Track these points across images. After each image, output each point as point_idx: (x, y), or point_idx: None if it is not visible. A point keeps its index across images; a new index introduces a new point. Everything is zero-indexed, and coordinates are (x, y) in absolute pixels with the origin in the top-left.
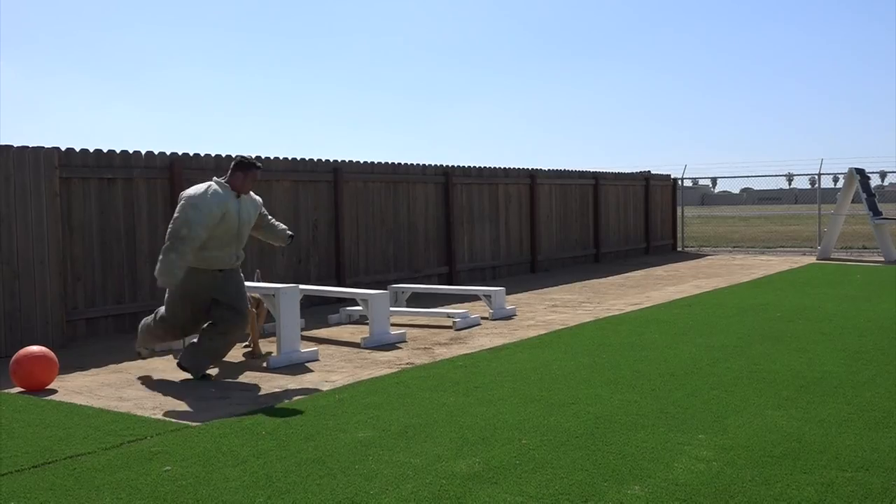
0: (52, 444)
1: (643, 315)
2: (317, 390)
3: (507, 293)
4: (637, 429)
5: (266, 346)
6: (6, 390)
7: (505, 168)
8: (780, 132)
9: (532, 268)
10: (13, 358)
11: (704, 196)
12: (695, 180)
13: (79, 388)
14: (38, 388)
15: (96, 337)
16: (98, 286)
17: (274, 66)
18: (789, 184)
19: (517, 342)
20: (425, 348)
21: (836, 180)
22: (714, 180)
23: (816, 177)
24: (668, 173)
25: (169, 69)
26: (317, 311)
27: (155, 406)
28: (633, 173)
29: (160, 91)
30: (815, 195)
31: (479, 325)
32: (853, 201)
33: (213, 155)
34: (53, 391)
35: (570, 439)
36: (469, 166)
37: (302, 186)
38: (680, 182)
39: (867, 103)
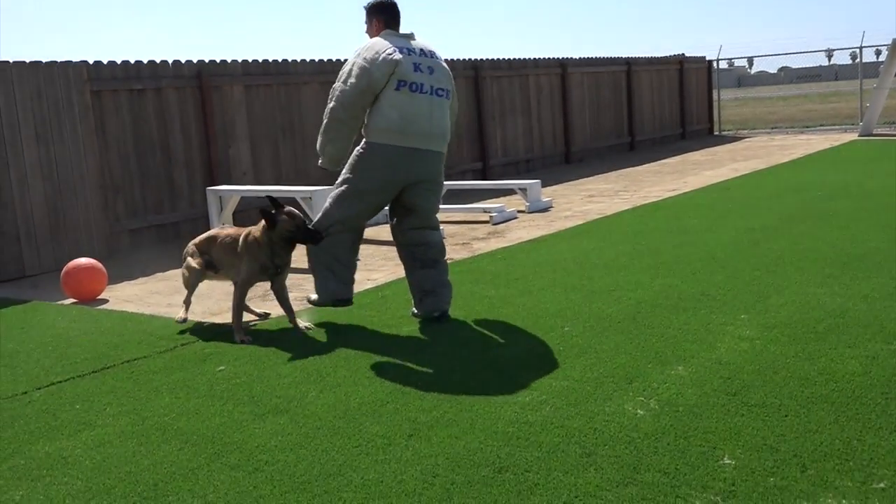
0: (109, 350)
1: (681, 201)
2: (360, 288)
3: (543, 186)
4: (679, 312)
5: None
6: (60, 302)
7: (535, 59)
8: (819, 5)
9: (566, 159)
10: (63, 270)
11: (741, 77)
12: (730, 62)
13: (129, 297)
14: (89, 299)
15: (140, 247)
16: (137, 197)
17: None
18: (829, 60)
19: (555, 233)
20: (463, 243)
21: (878, 53)
22: (750, 60)
23: (858, 51)
24: (703, 55)
25: None
26: None
27: (204, 311)
28: (666, 57)
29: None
30: (857, 70)
31: (515, 218)
32: None
33: (239, 61)
34: (105, 301)
35: (612, 325)
36: (498, 59)
37: (330, 89)
38: (715, 64)
39: None
